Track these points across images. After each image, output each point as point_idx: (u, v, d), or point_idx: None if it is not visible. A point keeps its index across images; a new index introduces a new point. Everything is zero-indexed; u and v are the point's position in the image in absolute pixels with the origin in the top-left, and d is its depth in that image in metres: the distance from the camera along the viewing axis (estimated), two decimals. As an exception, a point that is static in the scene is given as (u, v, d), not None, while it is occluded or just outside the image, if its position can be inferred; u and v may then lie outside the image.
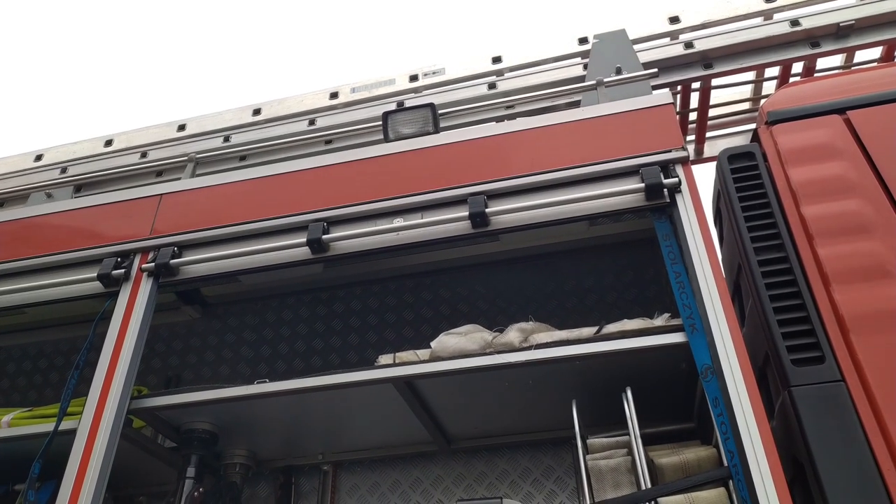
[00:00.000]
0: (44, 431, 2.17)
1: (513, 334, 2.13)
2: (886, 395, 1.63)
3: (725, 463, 1.66)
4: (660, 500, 1.72)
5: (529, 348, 2.05)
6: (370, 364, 2.24)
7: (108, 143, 3.61)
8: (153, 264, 2.34)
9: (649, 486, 1.76)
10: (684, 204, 2.04)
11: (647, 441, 1.88)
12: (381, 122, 2.74)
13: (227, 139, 3.37)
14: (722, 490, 1.71)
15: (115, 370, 2.15)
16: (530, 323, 2.18)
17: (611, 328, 2.07)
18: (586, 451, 1.95)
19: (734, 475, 1.63)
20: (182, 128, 3.57)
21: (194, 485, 2.34)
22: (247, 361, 3.17)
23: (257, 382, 2.22)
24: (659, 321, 2.04)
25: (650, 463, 1.85)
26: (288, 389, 2.19)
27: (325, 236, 2.25)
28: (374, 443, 2.69)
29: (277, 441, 2.64)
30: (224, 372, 3.17)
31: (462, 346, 2.14)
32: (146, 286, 2.33)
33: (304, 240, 2.25)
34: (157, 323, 2.95)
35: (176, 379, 3.19)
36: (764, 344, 1.88)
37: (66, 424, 2.15)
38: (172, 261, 2.34)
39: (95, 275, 2.37)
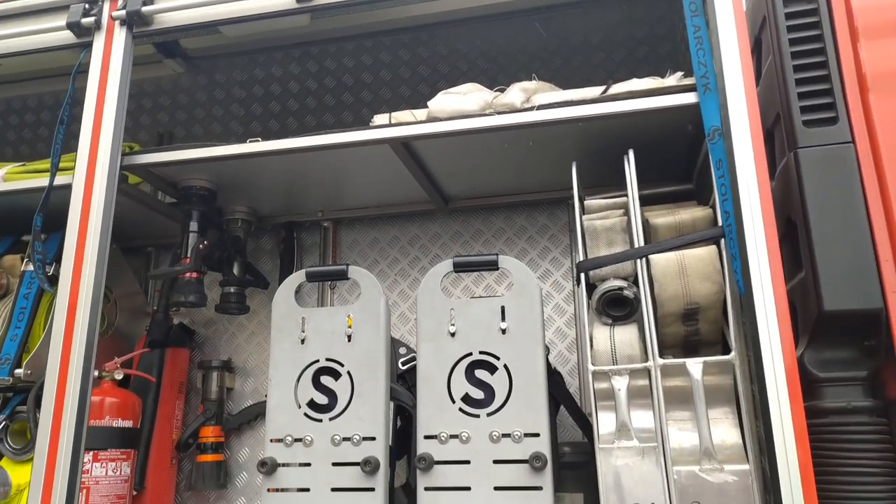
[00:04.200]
0: (39, 186, 2.18)
1: (514, 94, 2.03)
2: (893, 160, 1.60)
3: (720, 223, 1.68)
4: (651, 257, 1.77)
5: (531, 109, 1.97)
6: (366, 124, 2.17)
7: None
8: (124, 12, 2.15)
9: (642, 244, 1.80)
10: (714, -55, 1.81)
11: (644, 202, 1.88)
12: None
13: None
14: (713, 248, 1.74)
15: (101, 125, 2.08)
16: (533, 82, 2.06)
17: (618, 88, 1.96)
18: (583, 211, 1.97)
19: (727, 234, 1.65)
20: None
21: (198, 238, 2.41)
22: (238, 120, 3.09)
23: (250, 141, 2.17)
24: (671, 80, 1.93)
25: (645, 223, 1.88)
26: (281, 149, 2.13)
27: (310, -20, 2.03)
28: (373, 201, 2.73)
29: (276, 198, 2.67)
30: (216, 129, 3.10)
31: (461, 106, 2.05)
32: (120, 36, 2.16)
33: (287, -16, 2.04)
34: (140, 77, 2.82)
35: (168, 136, 3.14)
36: (776, 104, 1.80)
37: (61, 179, 2.14)
38: (144, 8, 2.14)
39: (65, 23, 2.19)
